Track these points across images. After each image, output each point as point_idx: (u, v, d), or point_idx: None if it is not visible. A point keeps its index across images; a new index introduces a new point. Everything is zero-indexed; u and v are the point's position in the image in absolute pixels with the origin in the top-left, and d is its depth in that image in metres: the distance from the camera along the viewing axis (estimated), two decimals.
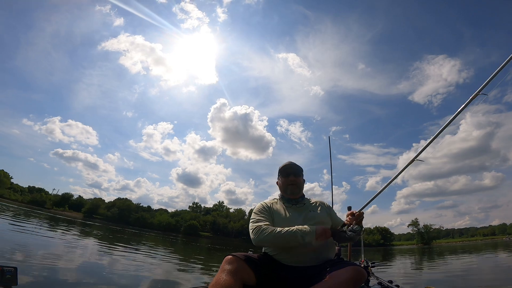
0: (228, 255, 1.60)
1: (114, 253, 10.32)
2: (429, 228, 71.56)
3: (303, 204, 2.00)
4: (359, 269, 1.50)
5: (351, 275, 1.44)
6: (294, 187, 2.02)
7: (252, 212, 1.95)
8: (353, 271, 1.46)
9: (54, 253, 7.60)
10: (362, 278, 1.47)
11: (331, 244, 1.87)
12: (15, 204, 50.72)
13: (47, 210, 56.89)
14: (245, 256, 1.61)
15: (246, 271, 1.55)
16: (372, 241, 69.39)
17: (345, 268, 1.49)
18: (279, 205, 1.99)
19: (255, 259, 1.66)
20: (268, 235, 1.69)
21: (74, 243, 11.32)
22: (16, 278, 1.43)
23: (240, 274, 1.51)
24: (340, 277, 1.44)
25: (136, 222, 65.15)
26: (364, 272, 1.52)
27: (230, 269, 1.50)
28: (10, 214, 20.99)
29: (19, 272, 1.48)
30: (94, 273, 5.93)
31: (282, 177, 2.06)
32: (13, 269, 1.43)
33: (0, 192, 60.40)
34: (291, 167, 2.07)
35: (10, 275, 1.40)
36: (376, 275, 4.01)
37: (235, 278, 1.47)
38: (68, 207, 68.13)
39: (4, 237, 8.99)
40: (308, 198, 2.11)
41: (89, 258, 7.91)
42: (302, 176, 2.11)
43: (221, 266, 1.55)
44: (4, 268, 1.40)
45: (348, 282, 1.42)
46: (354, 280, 1.44)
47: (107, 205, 70.28)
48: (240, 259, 1.56)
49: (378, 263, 5.77)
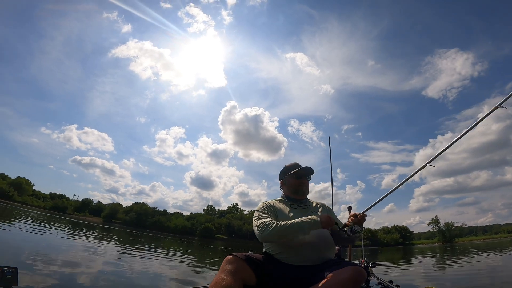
0: (228, 255, 1.61)
1: (134, 255, 10.59)
2: (450, 226, 69.03)
3: (308, 206, 2.02)
4: (359, 269, 1.50)
5: (351, 275, 1.44)
6: (305, 188, 2.05)
7: (255, 210, 1.96)
8: (353, 271, 1.47)
9: (79, 256, 7.89)
10: (362, 278, 1.47)
11: (331, 244, 1.88)
12: (38, 210, 52.92)
13: (68, 216, 58.97)
14: (245, 256, 1.63)
15: (246, 271, 1.56)
16: (390, 240, 67.64)
17: (345, 268, 1.50)
18: (283, 205, 2.01)
19: (255, 259, 1.67)
20: (274, 229, 1.68)
21: (98, 246, 11.70)
22: (16, 278, 1.42)
23: (240, 274, 1.52)
24: (340, 277, 1.44)
25: (153, 225, 66.36)
26: (364, 272, 1.52)
27: (230, 269, 1.51)
28: (35, 220, 21.94)
29: (20, 272, 1.49)
30: (113, 274, 6.12)
31: (294, 179, 2.07)
32: (14, 269, 1.42)
33: (23, 199, 63.11)
34: (307, 169, 2.08)
35: (10, 275, 1.40)
36: (376, 275, 4.01)
37: (235, 278, 1.48)
38: (88, 212, 70.32)
39: (32, 240, 9.42)
40: (310, 200, 2.13)
41: (109, 260, 8.16)
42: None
43: (221, 266, 1.56)
44: (4, 268, 1.40)
45: (348, 282, 1.43)
46: (354, 280, 1.44)
47: (125, 210, 71.99)
48: (240, 259, 1.58)
49: (397, 263, 5.68)
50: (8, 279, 1.38)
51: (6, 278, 1.37)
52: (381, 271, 10.28)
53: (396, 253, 29.61)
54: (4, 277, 1.37)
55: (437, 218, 71.34)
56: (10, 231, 11.80)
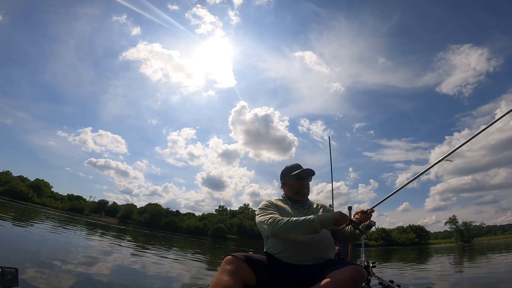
0: (228, 255, 1.61)
1: (148, 255, 10.82)
2: (469, 225, 66.83)
3: (309, 206, 2.04)
4: (359, 269, 1.50)
5: (351, 275, 1.45)
6: (306, 189, 2.09)
7: (258, 208, 1.97)
8: (353, 270, 1.47)
9: (95, 255, 8.15)
10: (362, 278, 1.48)
11: (331, 244, 1.88)
12: (57, 212, 54.72)
13: (85, 216, 60.78)
14: (245, 256, 1.62)
15: (246, 271, 1.56)
16: (405, 240, 66.10)
17: (345, 267, 1.50)
18: (285, 205, 2.03)
19: (255, 259, 1.67)
20: (285, 224, 1.69)
21: (115, 246, 12.02)
22: (17, 279, 1.41)
23: (240, 274, 1.51)
24: (340, 277, 1.45)
25: (167, 226, 67.31)
26: (364, 272, 1.52)
27: (230, 270, 1.51)
28: (55, 221, 22.74)
29: (20, 272, 1.48)
30: (126, 273, 6.30)
31: (295, 180, 2.10)
32: (14, 270, 1.41)
33: (42, 200, 65.35)
34: (308, 171, 2.11)
35: (10, 276, 1.38)
36: (376, 275, 4.01)
37: (235, 279, 1.47)
38: (104, 213, 72.20)
39: (52, 239, 9.79)
40: (311, 201, 2.15)
41: (120, 260, 8.38)
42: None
43: (221, 266, 1.55)
44: (5, 269, 1.38)
45: (348, 282, 1.43)
46: (354, 279, 1.44)
47: (139, 211, 73.29)
48: (240, 260, 1.57)
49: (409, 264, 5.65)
50: (8, 280, 1.36)
51: (6, 279, 1.36)
52: (394, 272, 10.12)
53: (411, 253, 28.96)
54: (4, 278, 1.35)
55: (455, 218, 69.25)
56: (32, 231, 12.29)
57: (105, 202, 77.51)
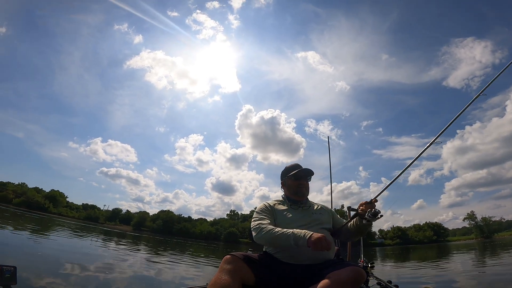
0: (227, 255, 1.61)
1: (163, 261, 10.90)
2: (488, 221, 64.71)
3: (308, 207, 2.02)
4: (358, 270, 1.50)
5: (350, 275, 1.44)
6: (304, 189, 2.07)
7: (255, 212, 1.99)
8: (352, 271, 1.47)
9: (111, 261, 8.26)
10: (361, 278, 1.47)
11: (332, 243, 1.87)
12: (73, 221, 55.97)
13: (101, 225, 61.96)
14: (244, 256, 1.63)
15: (245, 271, 1.56)
16: (423, 237, 64.48)
17: (344, 268, 1.49)
18: (284, 206, 2.01)
19: (254, 258, 1.67)
20: (265, 234, 1.72)
21: (136, 252, 12.16)
22: (15, 277, 1.41)
23: (239, 274, 1.52)
24: (339, 277, 1.44)
25: (179, 232, 67.81)
26: (364, 273, 1.52)
27: (229, 269, 1.51)
28: (74, 229, 23.24)
29: (20, 271, 1.50)
30: (143, 277, 6.34)
31: (293, 180, 2.08)
32: (13, 268, 1.42)
33: (58, 210, 66.93)
34: (306, 171, 2.09)
35: (9, 274, 1.39)
36: (375, 275, 3.99)
37: (234, 278, 1.48)
38: (118, 221, 73.38)
39: (73, 246, 10.00)
40: (311, 201, 2.14)
41: (140, 265, 8.45)
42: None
43: (220, 266, 1.56)
44: (4, 267, 1.39)
45: (347, 282, 1.42)
46: (353, 280, 1.44)
47: (152, 218, 74.12)
48: (239, 259, 1.58)
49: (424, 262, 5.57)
50: (7, 278, 1.37)
51: (5, 277, 1.37)
52: (413, 273, 9.85)
53: (429, 251, 28.20)
54: (3, 276, 1.36)
55: (473, 213, 67.19)
56: (55, 239, 12.58)
57: (119, 210, 78.93)
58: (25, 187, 67.76)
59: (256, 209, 2.02)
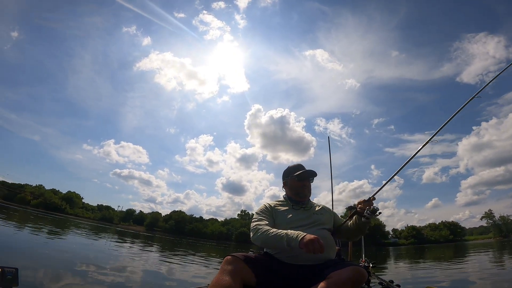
0: (228, 256, 1.61)
1: (176, 261, 11.06)
2: (506, 220, 62.46)
3: (309, 207, 2.02)
4: (359, 269, 1.49)
5: (352, 275, 1.44)
6: (306, 191, 2.06)
7: (255, 212, 2.00)
8: (353, 271, 1.46)
9: (127, 261, 8.46)
10: (362, 278, 1.47)
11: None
12: (89, 221, 57.55)
13: (115, 225, 63.46)
14: (245, 257, 1.62)
15: (246, 271, 1.55)
16: (439, 237, 62.88)
17: (346, 268, 1.48)
18: (285, 207, 2.01)
19: (255, 259, 1.67)
20: (260, 235, 1.72)
21: (151, 252, 12.40)
22: (17, 279, 1.41)
23: (240, 275, 1.51)
24: (340, 277, 1.43)
25: (191, 232, 68.63)
26: (365, 273, 1.51)
27: (230, 270, 1.50)
28: (89, 230, 23.90)
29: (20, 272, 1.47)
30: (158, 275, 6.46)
31: (296, 180, 2.06)
32: (14, 270, 1.41)
33: (75, 211, 69.01)
34: (310, 172, 2.08)
35: (11, 276, 1.38)
36: (376, 275, 3.98)
37: (235, 279, 1.47)
38: (132, 222, 74.99)
39: (103, 249, 10.29)
40: (312, 202, 2.12)
41: (156, 265, 8.61)
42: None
43: (221, 266, 1.55)
44: (5, 268, 1.38)
45: (348, 282, 1.42)
46: (355, 280, 1.43)
47: (165, 218, 75.33)
48: (239, 260, 1.58)
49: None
50: (8, 280, 1.36)
51: (6, 279, 1.36)
52: (428, 273, 9.63)
53: (446, 251, 27.48)
54: (4, 278, 1.35)
55: (491, 212, 65.00)
56: (73, 240, 12.99)
57: (132, 211, 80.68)
58: (42, 189, 70.15)
59: (256, 210, 2.04)
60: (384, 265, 14.33)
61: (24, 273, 5.02)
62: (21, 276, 1.47)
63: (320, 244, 1.49)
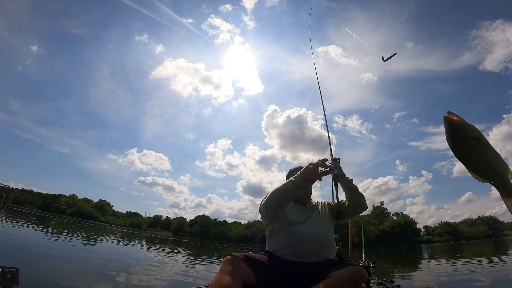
0: (228, 255, 1.61)
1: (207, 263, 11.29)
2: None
3: (310, 206, 2.04)
4: (359, 269, 1.49)
5: (351, 275, 1.44)
6: (307, 191, 2.07)
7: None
8: (353, 271, 1.46)
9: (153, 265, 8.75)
10: (362, 278, 1.47)
11: (331, 244, 1.88)
12: (119, 228, 60.10)
13: (144, 232, 65.82)
14: (245, 256, 1.63)
15: (246, 271, 1.55)
16: (477, 233, 59.13)
17: (346, 268, 1.49)
18: (289, 205, 2.02)
19: (255, 259, 1.67)
20: (269, 195, 1.80)
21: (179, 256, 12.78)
22: (17, 278, 1.41)
23: (240, 274, 1.51)
24: (341, 277, 1.44)
25: (216, 236, 69.51)
26: (365, 272, 1.50)
27: (230, 270, 1.50)
28: (124, 237, 25.05)
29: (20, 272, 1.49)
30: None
31: None
32: (15, 270, 1.41)
33: (106, 219, 72.39)
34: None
35: (11, 275, 1.38)
36: (377, 275, 3.95)
37: (235, 278, 1.47)
38: (159, 227, 77.36)
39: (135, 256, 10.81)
40: (313, 200, 2.15)
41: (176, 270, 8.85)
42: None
43: (221, 266, 1.55)
44: (5, 268, 1.39)
45: (348, 282, 1.42)
46: (355, 280, 1.44)
47: (190, 223, 76.93)
48: (239, 259, 1.58)
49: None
50: (9, 279, 1.37)
51: (7, 279, 1.37)
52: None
53: (485, 247, 25.81)
54: (5, 278, 1.36)
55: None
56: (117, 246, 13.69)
57: (159, 217, 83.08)
58: (75, 198, 74.44)
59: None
60: (416, 265, 13.70)
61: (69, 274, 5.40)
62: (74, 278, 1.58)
63: (313, 164, 1.68)
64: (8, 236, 9.90)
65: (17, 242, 8.47)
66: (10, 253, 6.36)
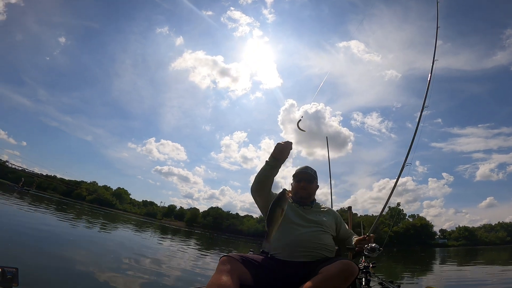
0: (223, 256, 1.63)
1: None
2: None
3: (310, 208, 2.10)
4: (348, 262, 1.52)
5: (340, 269, 1.47)
6: (304, 192, 2.13)
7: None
8: (342, 264, 1.49)
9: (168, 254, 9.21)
10: (352, 271, 1.49)
11: (328, 245, 1.91)
12: (135, 216, 62.30)
13: (159, 221, 67.92)
14: (241, 256, 1.66)
15: (242, 271, 1.57)
16: (495, 239, 56.85)
17: (335, 262, 1.53)
18: (290, 205, 2.08)
19: (251, 259, 1.70)
20: (255, 178, 1.99)
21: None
22: (17, 278, 1.40)
23: (236, 275, 1.52)
24: (330, 271, 1.47)
25: (227, 229, 70.43)
26: (355, 266, 1.53)
27: (226, 270, 1.52)
28: (138, 226, 26.15)
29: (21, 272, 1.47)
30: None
31: (294, 182, 2.19)
32: (15, 270, 1.40)
33: (123, 207, 75.09)
34: (305, 173, 2.17)
35: (11, 275, 1.37)
36: (377, 275, 3.94)
37: (231, 279, 1.48)
38: (173, 217, 79.40)
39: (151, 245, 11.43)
40: (318, 203, 2.20)
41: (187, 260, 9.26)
42: (316, 182, 2.21)
43: (217, 267, 1.57)
44: (5, 268, 1.38)
45: (337, 276, 1.45)
46: (344, 274, 1.47)
47: (203, 214, 78.36)
48: (235, 260, 1.60)
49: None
50: (9, 279, 1.36)
51: (7, 278, 1.36)
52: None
53: (502, 253, 24.92)
54: (5, 277, 1.36)
55: None
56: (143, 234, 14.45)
57: (173, 207, 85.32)
58: (96, 185, 77.67)
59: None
60: (425, 267, 13.57)
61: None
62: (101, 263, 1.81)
63: (285, 142, 1.89)
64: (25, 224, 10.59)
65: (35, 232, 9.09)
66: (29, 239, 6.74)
